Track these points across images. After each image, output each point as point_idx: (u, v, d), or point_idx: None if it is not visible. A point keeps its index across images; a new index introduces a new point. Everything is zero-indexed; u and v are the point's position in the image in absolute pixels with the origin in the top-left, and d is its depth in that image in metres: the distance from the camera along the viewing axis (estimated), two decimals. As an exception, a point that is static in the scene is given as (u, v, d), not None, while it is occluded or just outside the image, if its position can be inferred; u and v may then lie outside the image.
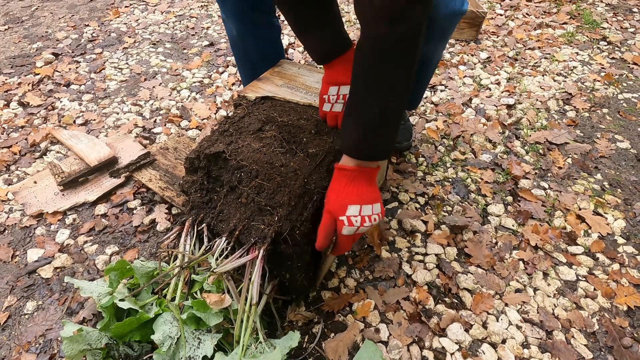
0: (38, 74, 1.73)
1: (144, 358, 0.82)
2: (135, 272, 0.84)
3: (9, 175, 1.28)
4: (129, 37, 2.01)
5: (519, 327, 0.91)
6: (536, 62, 1.80)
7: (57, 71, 1.76)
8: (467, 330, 0.89)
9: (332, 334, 0.88)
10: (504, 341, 0.88)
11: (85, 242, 1.08)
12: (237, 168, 0.83)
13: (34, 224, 1.13)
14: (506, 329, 0.90)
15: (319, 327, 0.89)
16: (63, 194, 1.17)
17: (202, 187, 0.89)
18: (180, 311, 0.78)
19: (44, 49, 1.92)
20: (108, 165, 1.23)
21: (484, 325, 0.91)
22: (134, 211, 1.15)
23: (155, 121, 1.48)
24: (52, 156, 1.33)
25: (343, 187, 0.70)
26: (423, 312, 0.92)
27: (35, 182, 1.20)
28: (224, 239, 0.80)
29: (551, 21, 2.09)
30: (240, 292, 0.74)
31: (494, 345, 0.87)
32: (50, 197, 1.16)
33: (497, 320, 0.91)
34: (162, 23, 2.13)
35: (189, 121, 1.48)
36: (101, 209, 1.16)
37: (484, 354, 0.86)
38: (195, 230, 0.86)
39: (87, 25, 2.11)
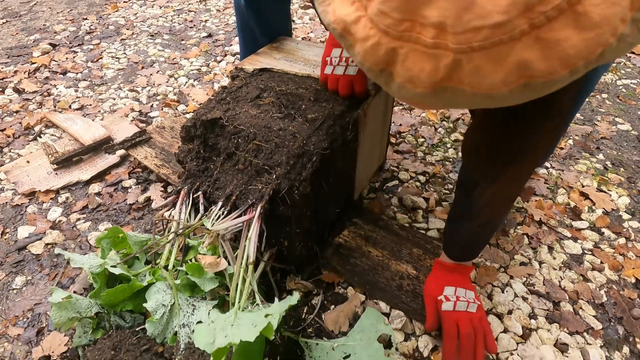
0: (34, 63, 1.72)
1: (137, 329, 0.78)
2: (128, 239, 0.81)
3: (1, 157, 1.25)
4: (127, 29, 2.01)
5: (525, 299, 0.88)
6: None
7: (53, 60, 1.75)
8: (471, 303, 0.86)
9: (332, 306, 0.85)
10: (510, 312, 0.85)
11: (78, 219, 1.05)
12: (234, 133, 0.81)
13: (25, 202, 1.10)
14: (512, 300, 0.87)
15: (318, 299, 0.86)
16: (56, 173, 1.15)
17: (199, 156, 0.87)
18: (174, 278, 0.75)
19: (42, 41, 1.91)
20: (103, 145, 1.21)
21: (489, 297, 0.88)
22: (129, 190, 1.13)
23: (152, 106, 1.47)
24: (46, 138, 1.31)
25: (441, 275, 0.80)
26: (426, 285, 0.89)
27: (28, 162, 1.18)
28: (220, 204, 0.77)
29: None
30: (237, 257, 0.71)
31: (499, 316, 0.84)
32: (43, 176, 1.14)
33: (503, 292, 0.89)
34: (161, 17, 2.13)
35: (186, 105, 1.46)
36: (95, 188, 1.13)
37: (490, 324, 0.82)
38: (191, 198, 0.84)
39: (86, 19, 2.11)
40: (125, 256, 0.83)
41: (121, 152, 1.18)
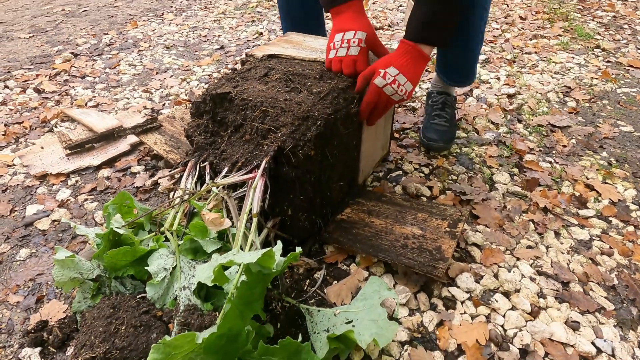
0: (56, 69, 1.82)
1: (137, 297, 0.77)
2: (135, 205, 0.82)
3: (17, 146, 1.29)
4: (145, 42, 2.13)
5: (532, 279, 0.86)
6: (534, 64, 1.86)
7: (74, 67, 1.85)
8: (477, 281, 0.84)
9: (335, 282, 0.84)
10: (517, 290, 0.83)
11: (86, 199, 1.07)
12: (242, 106, 0.84)
13: (36, 184, 1.12)
14: (519, 280, 0.85)
15: (321, 273, 0.84)
16: (68, 159, 1.18)
17: (207, 130, 0.90)
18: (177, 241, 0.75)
19: (64, 51, 2.02)
20: (115, 133, 1.25)
21: (495, 276, 0.86)
22: (137, 175, 1.15)
23: (164, 104, 1.52)
24: (61, 129, 1.35)
25: (396, 54, 0.85)
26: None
27: (42, 148, 1.21)
28: (225, 169, 0.79)
29: (546, 33, 2.20)
30: (240, 213, 0.71)
31: (507, 294, 0.82)
32: (55, 161, 1.17)
33: (509, 272, 0.87)
34: (177, 33, 2.26)
35: (197, 104, 1.52)
36: (104, 172, 1.16)
37: (497, 302, 0.80)
38: (198, 169, 0.86)
39: (106, 34, 2.24)
40: (132, 224, 0.83)
41: (132, 140, 1.22)
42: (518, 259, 0.90)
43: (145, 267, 0.74)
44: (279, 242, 0.58)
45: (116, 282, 0.78)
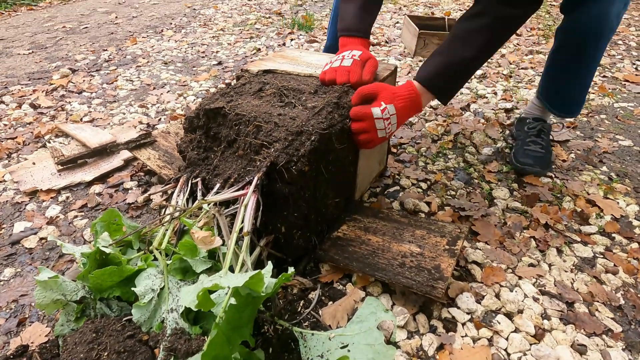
0: (53, 84, 1.81)
1: (123, 320, 0.74)
2: (123, 221, 0.79)
3: (9, 161, 1.28)
4: (143, 58, 2.14)
5: (535, 299, 0.82)
6: (530, 78, 1.87)
7: (71, 82, 1.85)
8: (478, 302, 0.81)
9: (330, 302, 0.80)
10: (520, 311, 0.79)
11: (76, 216, 1.04)
12: (235, 121, 0.83)
13: (25, 201, 1.10)
14: (522, 300, 0.82)
15: (315, 293, 0.81)
16: (60, 174, 1.16)
17: (200, 145, 0.88)
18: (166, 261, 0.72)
19: (62, 67, 2.03)
20: (108, 149, 1.23)
21: (497, 296, 0.83)
22: (130, 191, 1.13)
23: (159, 119, 1.51)
24: (55, 144, 1.34)
25: (400, 95, 0.86)
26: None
27: (33, 163, 1.19)
28: (217, 185, 0.77)
29: (541, 49, 2.22)
30: (231, 231, 0.69)
31: (509, 316, 0.79)
32: (46, 177, 1.15)
33: (511, 292, 0.83)
34: (175, 49, 2.28)
35: (193, 120, 1.50)
36: (96, 188, 1.13)
37: (500, 324, 0.77)
38: (189, 185, 0.83)
39: (105, 50, 2.26)
40: (119, 242, 0.81)
41: (125, 156, 1.20)
42: (520, 277, 0.87)
43: (132, 288, 0.71)
44: (269, 263, 0.55)
45: (101, 303, 0.74)
